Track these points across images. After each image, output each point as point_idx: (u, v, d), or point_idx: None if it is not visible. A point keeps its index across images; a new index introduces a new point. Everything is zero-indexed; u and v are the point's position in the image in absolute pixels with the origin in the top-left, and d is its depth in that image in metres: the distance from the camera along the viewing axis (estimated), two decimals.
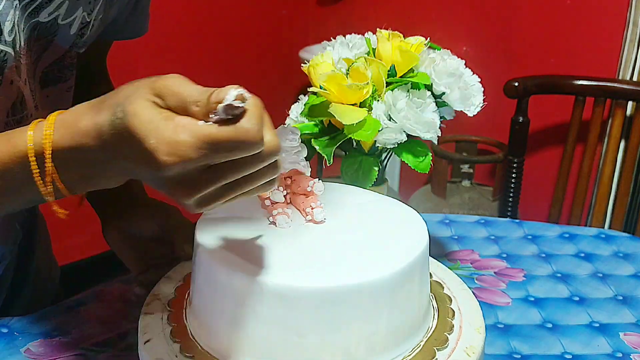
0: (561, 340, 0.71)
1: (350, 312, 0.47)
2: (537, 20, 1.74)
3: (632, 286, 0.82)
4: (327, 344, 0.47)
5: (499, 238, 0.94)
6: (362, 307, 0.47)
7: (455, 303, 0.58)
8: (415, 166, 0.68)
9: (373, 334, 0.48)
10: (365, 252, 0.51)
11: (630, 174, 1.45)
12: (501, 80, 1.47)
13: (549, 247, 0.92)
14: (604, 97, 1.41)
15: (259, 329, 0.47)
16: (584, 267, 0.87)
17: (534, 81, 1.46)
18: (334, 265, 0.49)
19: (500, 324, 0.74)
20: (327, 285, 0.46)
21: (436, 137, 0.68)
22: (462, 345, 0.52)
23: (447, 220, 0.99)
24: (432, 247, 0.55)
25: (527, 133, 1.48)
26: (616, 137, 1.43)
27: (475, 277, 0.84)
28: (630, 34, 1.53)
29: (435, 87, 0.69)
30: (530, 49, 1.78)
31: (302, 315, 0.46)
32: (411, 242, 0.52)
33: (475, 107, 0.70)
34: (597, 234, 0.96)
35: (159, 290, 0.58)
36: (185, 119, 0.37)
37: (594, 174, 1.62)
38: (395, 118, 0.67)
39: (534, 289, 0.81)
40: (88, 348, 0.64)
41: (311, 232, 0.53)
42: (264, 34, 2.32)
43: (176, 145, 0.36)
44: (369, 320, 0.48)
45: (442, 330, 0.54)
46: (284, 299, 0.46)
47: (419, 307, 0.52)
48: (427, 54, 0.71)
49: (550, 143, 1.79)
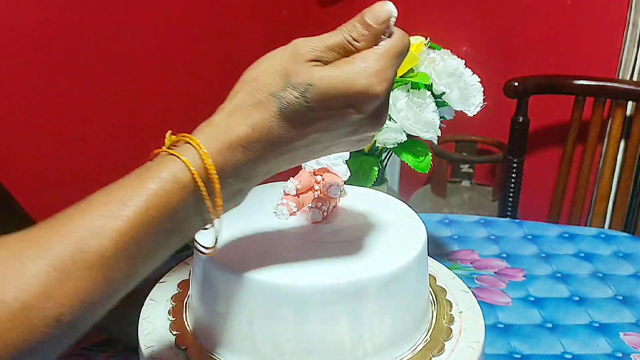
0: (561, 340, 0.71)
1: (347, 311, 0.47)
2: (537, 20, 1.74)
3: (632, 286, 0.82)
4: (325, 342, 0.47)
5: (499, 238, 0.94)
6: (359, 306, 0.47)
7: (455, 303, 0.58)
8: (415, 166, 0.69)
9: (370, 333, 0.48)
10: (362, 251, 0.51)
11: (630, 174, 1.45)
12: (501, 80, 1.47)
13: (549, 247, 0.92)
14: (604, 97, 1.41)
15: (254, 327, 0.47)
16: (584, 267, 0.87)
17: (533, 81, 1.46)
18: (330, 264, 0.49)
19: (500, 324, 0.74)
20: (323, 284, 0.46)
21: (436, 137, 0.68)
22: (462, 345, 0.52)
23: (447, 220, 0.99)
24: (432, 247, 0.54)
25: (527, 133, 1.48)
26: (616, 137, 1.43)
27: (475, 277, 0.84)
28: (630, 34, 1.53)
29: (435, 87, 0.69)
30: (530, 49, 1.78)
31: (299, 314, 0.46)
32: (409, 242, 0.52)
33: (475, 107, 0.70)
34: (597, 234, 0.96)
35: (155, 296, 0.58)
36: (365, 52, 0.40)
37: (594, 174, 1.62)
38: (395, 118, 0.67)
39: (534, 289, 0.81)
40: (88, 348, 0.64)
41: (309, 230, 0.53)
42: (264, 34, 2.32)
43: (381, 72, 0.39)
44: (367, 319, 0.48)
45: (441, 330, 0.53)
46: (280, 297, 0.46)
47: (418, 306, 0.52)
48: (427, 54, 0.71)
49: (550, 143, 1.79)
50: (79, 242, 0.33)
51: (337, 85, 0.39)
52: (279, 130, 0.39)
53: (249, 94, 0.40)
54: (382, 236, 0.53)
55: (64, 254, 0.32)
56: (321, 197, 0.55)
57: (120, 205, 0.35)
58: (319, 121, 0.40)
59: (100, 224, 0.34)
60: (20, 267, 0.31)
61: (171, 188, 0.36)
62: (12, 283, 0.31)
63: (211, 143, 0.38)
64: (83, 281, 0.32)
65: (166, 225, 0.37)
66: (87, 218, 0.34)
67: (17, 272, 0.31)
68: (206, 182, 0.38)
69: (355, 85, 0.39)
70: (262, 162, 0.40)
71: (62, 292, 0.32)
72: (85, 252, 0.33)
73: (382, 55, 0.40)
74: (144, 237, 0.35)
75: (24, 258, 0.32)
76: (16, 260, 0.32)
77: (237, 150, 0.39)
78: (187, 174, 0.37)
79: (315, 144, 0.42)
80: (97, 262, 0.33)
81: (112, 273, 0.34)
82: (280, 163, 0.42)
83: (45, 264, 0.32)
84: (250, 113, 0.39)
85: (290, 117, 0.39)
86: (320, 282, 0.46)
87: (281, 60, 0.40)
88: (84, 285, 0.32)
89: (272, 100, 0.39)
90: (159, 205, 0.36)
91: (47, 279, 0.31)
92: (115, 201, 0.35)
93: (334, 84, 0.39)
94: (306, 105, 0.39)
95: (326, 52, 0.40)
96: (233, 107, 0.40)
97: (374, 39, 0.40)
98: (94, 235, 0.33)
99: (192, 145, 0.38)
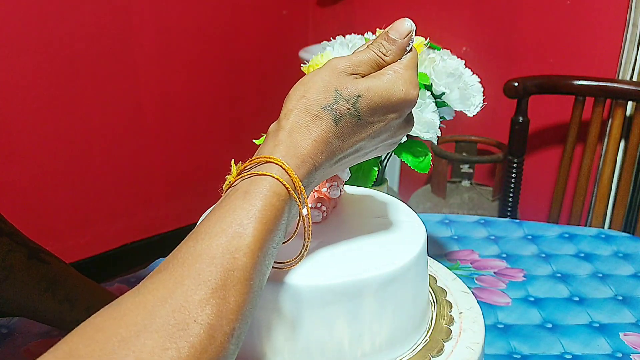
0: (561, 340, 0.71)
1: (346, 311, 0.47)
2: (537, 20, 1.74)
3: (632, 286, 0.82)
4: (324, 343, 0.47)
5: (499, 238, 0.94)
6: (358, 306, 0.47)
7: (455, 304, 0.58)
8: (415, 166, 0.69)
9: (370, 333, 0.48)
10: (362, 251, 0.51)
11: (630, 174, 1.45)
12: (501, 80, 1.47)
13: (549, 247, 0.92)
14: (604, 97, 1.41)
15: (253, 327, 0.47)
16: (584, 267, 0.87)
17: (533, 81, 1.46)
18: (330, 264, 0.49)
19: (500, 324, 0.74)
20: (323, 284, 0.46)
21: (436, 137, 0.68)
22: (462, 346, 0.52)
23: (447, 220, 0.99)
24: (432, 247, 0.55)
25: (527, 133, 1.48)
26: (616, 137, 1.43)
27: (475, 277, 0.84)
28: (630, 34, 1.53)
29: (435, 87, 0.69)
30: (530, 49, 1.78)
31: (298, 314, 0.46)
32: (409, 242, 0.52)
33: (475, 107, 0.70)
34: (597, 234, 0.96)
35: None
36: (395, 65, 0.46)
37: (594, 174, 1.62)
38: None
39: (534, 289, 0.81)
40: None
41: None
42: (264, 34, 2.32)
43: (413, 79, 0.46)
44: (366, 319, 0.48)
45: (440, 331, 0.53)
46: (279, 297, 0.46)
47: (417, 307, 0.52)
48: (427, 54, 0.71)
49: (550, 143, 1.79)
50: (231, 262, 0.37)
51: (381, 94, 0.44)
52: (336, 142, 0.44)
53: (302, 111, 0.44)
54: (382, 236, 0.53)
55: (218, 278, 0.36)
56: (321, 197, 0.55)
57: (240, 227, 0.39)
58: (367, 129, 0.45)
59: (235, 244, 0.38)
60: (187, 298, 0.35)
61: (275, 202, 0.41)
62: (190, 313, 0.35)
63: (287, 159, 0.42)
64: (239, 296, 0.37)
65: (277, 235, 0.41)
66: (219, 243, 0.38)
67: (187, 303, 0.35)
68: (296, 192, 0.42)
69: (396, 92, 0.45)
70: (321, 172, 0.45)
71: (228, 310, 0.36)
72: (234, 271, 0.37)
73: (408, 65, 0.46)
74: (267, 249, 0.40)
75: (187, 290, 0.36)
76: (178, 296, 0.35)
77: (308, 162, 0.43)
78: (281, 188, 0.41)
79: (361, 150, 0.47)
80: (244, 278, 0.38)
81: (253, 285, 0.38)
82: (332, 170, 0.47)
83: (206, 292, 0.36)
84: (309, 128, 0.44)
85: (343, 126, 0.44)
86: (320, 282, 0.46)
87: (324, 77, 0.45)
88: (240, 299, 0.37)
89: (326, 113, 0.44)
90: (269, 219, 0.40)
91: (214, 302, 0.36)
92: (233, 224, 0.39)
93: (379, 93, 0.44)
94: (357, 115, 0.44)
95: (361, 66, 0.46)
96: (292, 125, 0.44)
97: (400, 52, 0.47)
98: (241, 254, 0.38)
99: (274, 164, 0.42)
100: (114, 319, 0.34)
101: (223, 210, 0.40)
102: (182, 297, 0.35)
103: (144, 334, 0.33)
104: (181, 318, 0.34)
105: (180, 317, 0.34)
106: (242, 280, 0.37)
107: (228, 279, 0.37)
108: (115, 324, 0.33)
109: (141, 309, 0.34)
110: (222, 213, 0.40)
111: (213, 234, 0.38)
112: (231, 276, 0.37)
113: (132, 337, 0.33)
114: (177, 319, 0.34)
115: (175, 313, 0.34)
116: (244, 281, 0.37)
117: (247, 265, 0.38)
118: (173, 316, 0.34)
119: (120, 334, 0.33)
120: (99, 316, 0.34)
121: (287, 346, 0.47)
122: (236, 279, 0.37)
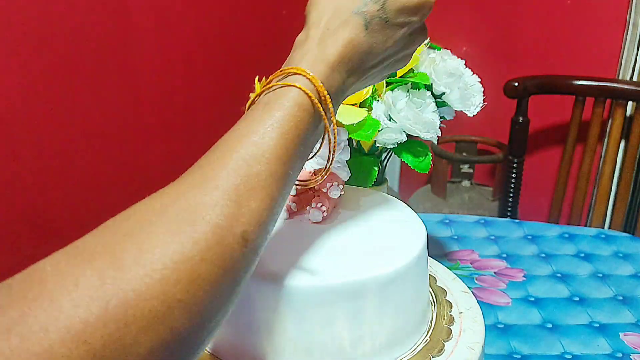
0: (561, 340, 0.71)
1: (347, 311, 0.47)
2: (537, 21, 1.74)
3: (632, 286, 0.82)
4: (325, 343, 0.47)
5: (499, 238, 0.94)
6: (359, 307, 0.47)
7: (455, 304, 0.58)
8: (415, 166, 0.68)
9: (370, 333, 0.48)
10: (362, 251, 0.51)
11: (630, 174, 1.45)
12: (501, 80, 1.47)
13: (549, 247, 0.92)
14: (604, 97, 1.41)
15: (253, 327, 0.47)
16: (584, 267, 0.87)
17: (533, 81, 1.46)
18: (330, 264, 0.49)
19: (500, 324, 0.74)
20: (323, 284, 0.46)
21: (436, 137, 0.68)
22: (462, 346, 0.52)
23: (447, 220, 0.99)
24: (432, 247, 0.55)
25: (527, 133, 1.48)
26: (616, 137, 1.43)
27: (475, 277, 0.84)
28: (630, 34, 1.53)
29: (435, 87, 0.69)
30: (530, 49, 1.77)
31: (299, 314, 0.46)
32: (409, 242, 0.52)
33: (475, 107, 0.70)
34: (597, 234, 0.96)
35: None
36: None
37: (594, 174, 1.62)
38: (395, 118, 0.67)
39: (534, 289, 0.81)
40: None
41: (309, 230, 0.53)
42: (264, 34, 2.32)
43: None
44: (366, 319, 0.48)
45: (441, 331, 0.53)
46: (280, 297, 0.46)
47: (418, 307, 0.52)
48: (427, 54, 0.71)
49: (550, 143, 1.79)
50: (245, 169, 0.37)
51: None
52: (365, 46, 0.43)
53: (332, 17, 0.43)
54: (382, 236, 0.53)
55: (231, 183, 0.36)
56: (321, 197, 0.55)
57: (256, 135, 0.39)
58: (394, 33, 0.45)
59: (250, 152, 0.38)
60: (197, 200, 0.35)
61: (296, 112, 0.40)
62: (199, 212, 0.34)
63: (315, 68, 0.42)
64: (253, 202, 0.37)
65: (299, 147, 0.41)
66: (235, 151, 0.38)
67: (196, 203, 0.35)
68: (321, 103, 0.42)
69: None
70: (351, 82, 0.44)
71: (242, 214, 0.36)
72: (248, 177, 0.37)
73: None
74: (287, 159, 0.39)
75: (199, 193, 0.36)
76: (189, 197, 0.35)
77: (336, 70, 0.42)
78: (305, 99, 0.41)
79: (387, 61, 0.46)
80: (259, 185, 0.37)
81: (273, 193, 0.38)
82: (362, 83, 0.46)
83: (218, 195, 0.36)
84: (339, 33, 0.43)
85: (373, 29, 0.44)
86: (320, 283, 0.46)
87: None
88: (254, 205, 0.37)
89: (356, 17, 0.43)
90: (289, 129, 0.40)
91: (225, 203, 0.35)
92: (253, 133, 0.39)
93: None
94: (385, 17, 0.44)
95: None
96: (322, 33, 0.43)
97: None
98: (255, 162, 0.38)
99: (299, 74, 0.41)
100: (122, 218, 0.34)
101: (242, 123, 0.40)
102: (192, 198, 0.35)
103: (148, 228, 0.33)
104: (189, 215, 0.34)
105: (188, 215, 0.34)
106: (256, 188, 0.37)
107: (241, 184, 0.36)
108: (123, 221, 0.34)
109: (150, 209, 0.35)
110: (240, 125, 0.40)
111: (229, 144, 0.39)
112: (245, 182, 0.37)
113: (136, 231, 0.33)
114: (185, 216, 0.34)
115: (183, 212, 0.34)
116: (259, 189, 0.37)
117: (261, 173, 0.38)
118: (181, 214, 0.34)
119: (126, 228, 0.33)
120: (112, 218, 0.35)
121: (287, 346, 0.47)
122: (250, 185, 0.37)
